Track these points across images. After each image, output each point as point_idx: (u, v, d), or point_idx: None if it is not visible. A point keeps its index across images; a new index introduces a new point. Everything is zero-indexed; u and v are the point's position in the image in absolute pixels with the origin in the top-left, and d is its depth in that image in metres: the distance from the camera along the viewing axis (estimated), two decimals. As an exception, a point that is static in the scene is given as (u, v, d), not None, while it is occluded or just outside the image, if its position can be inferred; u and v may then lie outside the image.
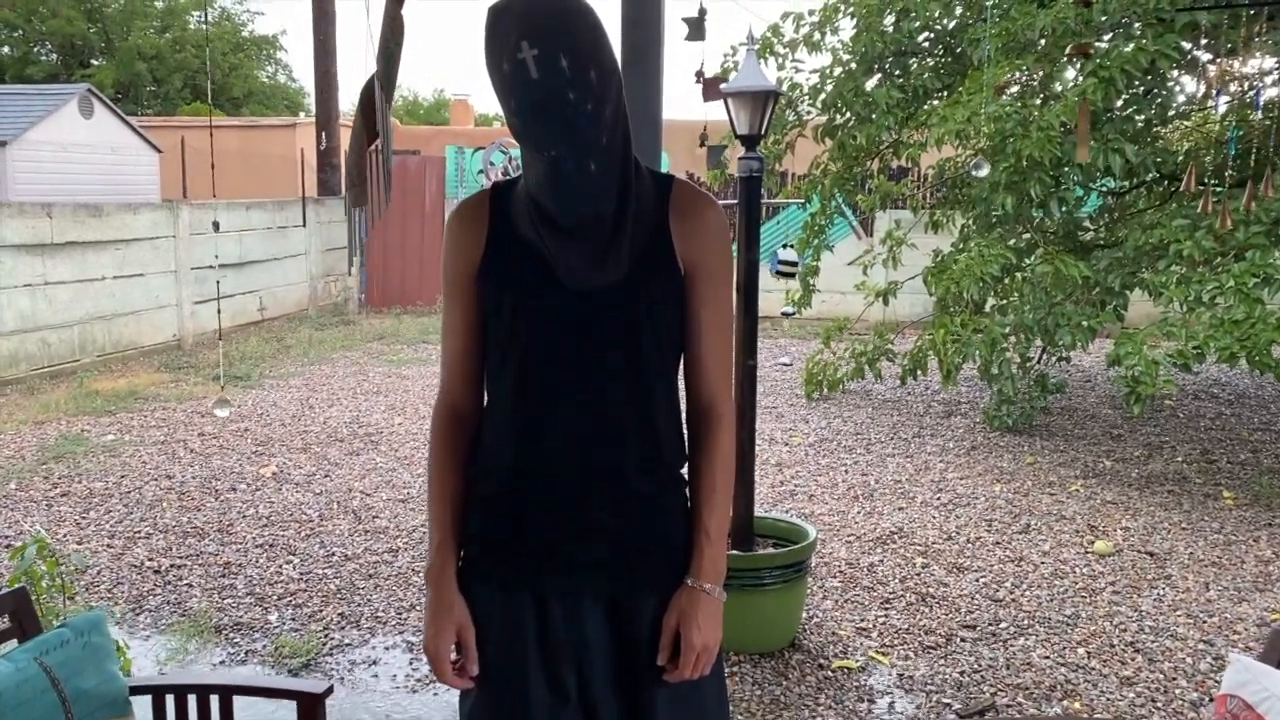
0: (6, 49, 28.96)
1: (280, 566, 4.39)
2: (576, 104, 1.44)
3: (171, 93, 29.04)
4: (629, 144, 1.58)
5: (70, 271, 8.49)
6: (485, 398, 1.73)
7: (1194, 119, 6.95)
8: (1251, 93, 6.35)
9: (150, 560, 4.44)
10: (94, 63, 29.48)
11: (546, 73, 1.42)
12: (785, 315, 6.58)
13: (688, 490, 1.70)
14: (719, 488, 1.67)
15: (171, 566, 4.38)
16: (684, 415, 1.72)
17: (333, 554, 4.54)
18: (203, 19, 31.20)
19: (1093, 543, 4.68)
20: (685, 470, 1.71)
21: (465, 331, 1.69)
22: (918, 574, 4.32)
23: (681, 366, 1.71)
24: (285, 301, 11.76)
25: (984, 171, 4.36)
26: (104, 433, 6.53)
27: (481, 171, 12.96)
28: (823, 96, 6.70)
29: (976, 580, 4.26)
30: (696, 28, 3.06)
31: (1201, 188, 4.98)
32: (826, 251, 7.86)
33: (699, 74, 3.41)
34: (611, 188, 1.54)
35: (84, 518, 4.96)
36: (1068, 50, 4.72)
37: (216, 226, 3.43)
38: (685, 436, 1.71)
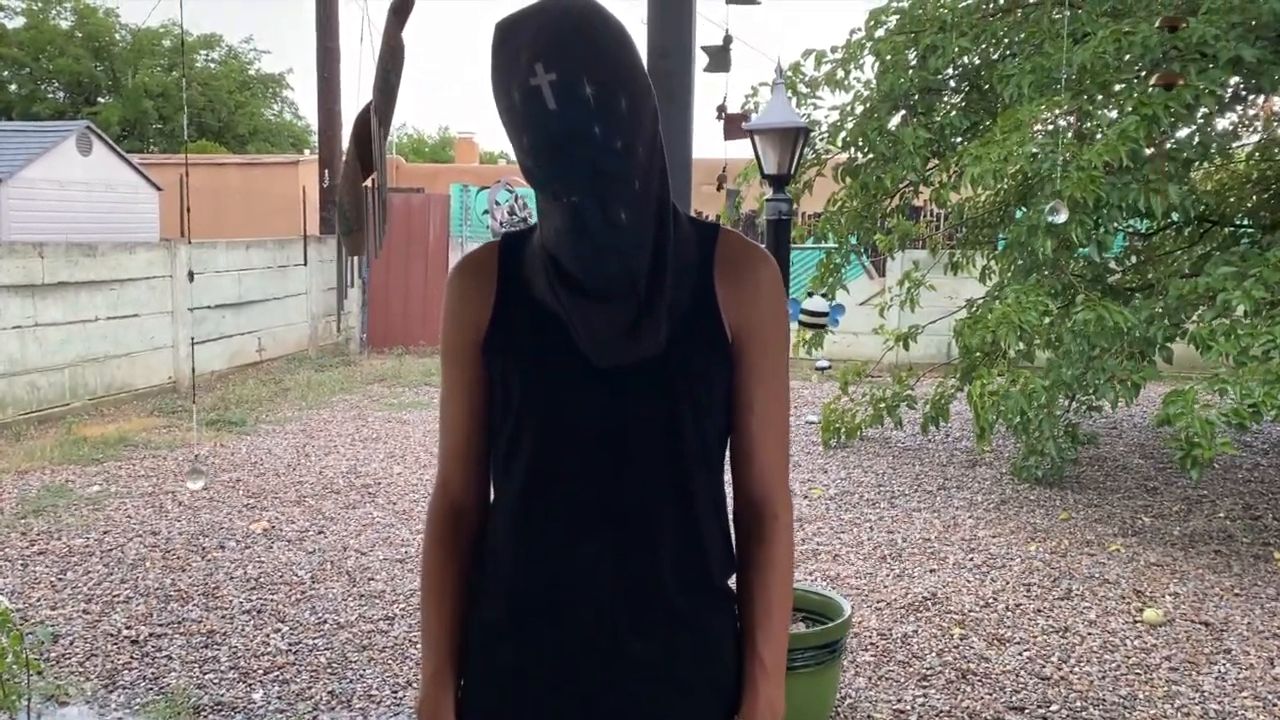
0: (14, 86, 29.02)
1: (267, 636, 4.07)
2: (604, 140, 1.15)
3: (178, 130, 29.02)
4: (666, 187, 1.30)
5: (62, 312, 8.22)
6: (491, 493, 1.44)
7: (1236, 157, 6.68)
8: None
9: (128, 628, 4.13)
10: (100, 100, 29.52)
11: (566, 102, 1.13)
12: (820, 370, 6.24)
13: (736, 608, 1.40)
14: (776, 607, 1.37)
15: (150, 635, 4.06)
16: (731, 516, 1.43)
17: (324, 621, 4.22)
18: (210, 58, 31.30)
19: (1141, 610, 4.35)
20: (733, 582, 1.42)
21: (467, 414, 1.40)
22: (956, 646, 4.00)
23: (728, 456, 1.42)
24: (285, 341, 11.49)
25: (1062, 216, 4.08)
26: (89, 483, 6.23)
27: (486, 211, 12.73)
28: (843, 135, 6.45)
29: (1020, 654, 3.93)
30: (720, 58, 2.77)
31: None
32: (842, 291, 7.59)
33: (721, 109, 3.13)
34: (646, 241, 1.25)
35: (60, 579, 4.65)
36: (1153, 80, 4.46)
37: (191, 277, 3.17)
38: (734, 542, 1.42)
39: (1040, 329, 5.39)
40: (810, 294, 5.81)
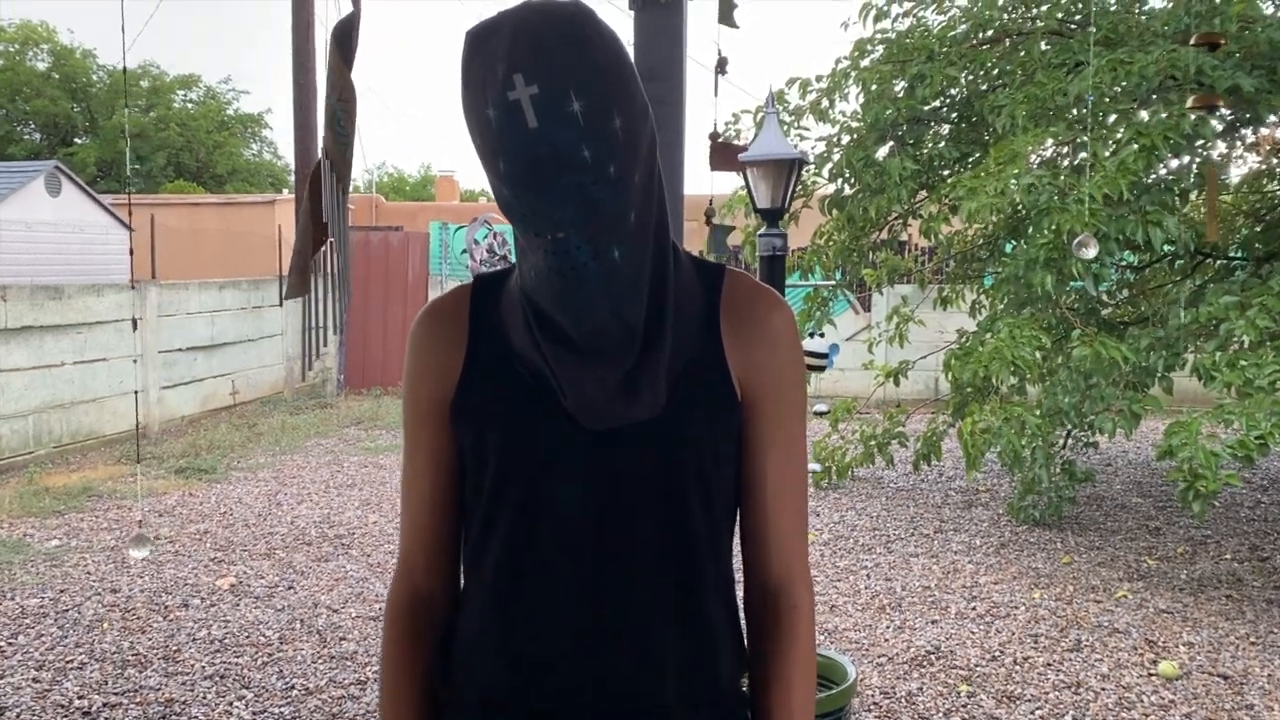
0: (-11, 128, 28.79)
1: (230, 704, 3.80)
2: (595, 165, 0.95)
3: (154, 170, 28.86)
4: (665, 222, 1.10)
5: (26, 358, 7.95)
6: (461, 579, 1.23)
7: (1225, 189, 6.57)
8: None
9: (80, 698, 3.85)
10: (77, 141, 29.33)
11: (550, 119, 0.93)
12: (819, 414, 6.05)
13: (749, 714, 1.19)
14: (798, 715, 1.15)
15: (104, 706, 3.78)
16: (741, 605, 1.22)
17: (292, 686, 3.95)
18: (188, 98, 31.19)
19: (1155, 662, 4.14)
20: (745, 684, 1.21)
21: (433, 487, 1.20)
22: (964, 705, 3.77)
23: (738, 534, 1.22)
24: (260, 384, 11.23)
25: (1092, 251, 3.92)
26: (49, 537, 5.94)
27: (465, 251, 12.54)
28: (830, 166, 6.31)
29: (1032, 713, 3.71)
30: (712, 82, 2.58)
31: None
32: (830, 327, 7.42)
33: (714, 137, 2.94)
34: (642, 284, 1.05)
35: (11, 643, 4.36)
36: (1190, 103, 4.33)
37: (134, 325, 2.99)
38: (745, 636, 1.21)
39: (1034, 365, 5.22)
40: (811, 334, 5.61)
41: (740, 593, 1.18)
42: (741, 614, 1.21)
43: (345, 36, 1.67)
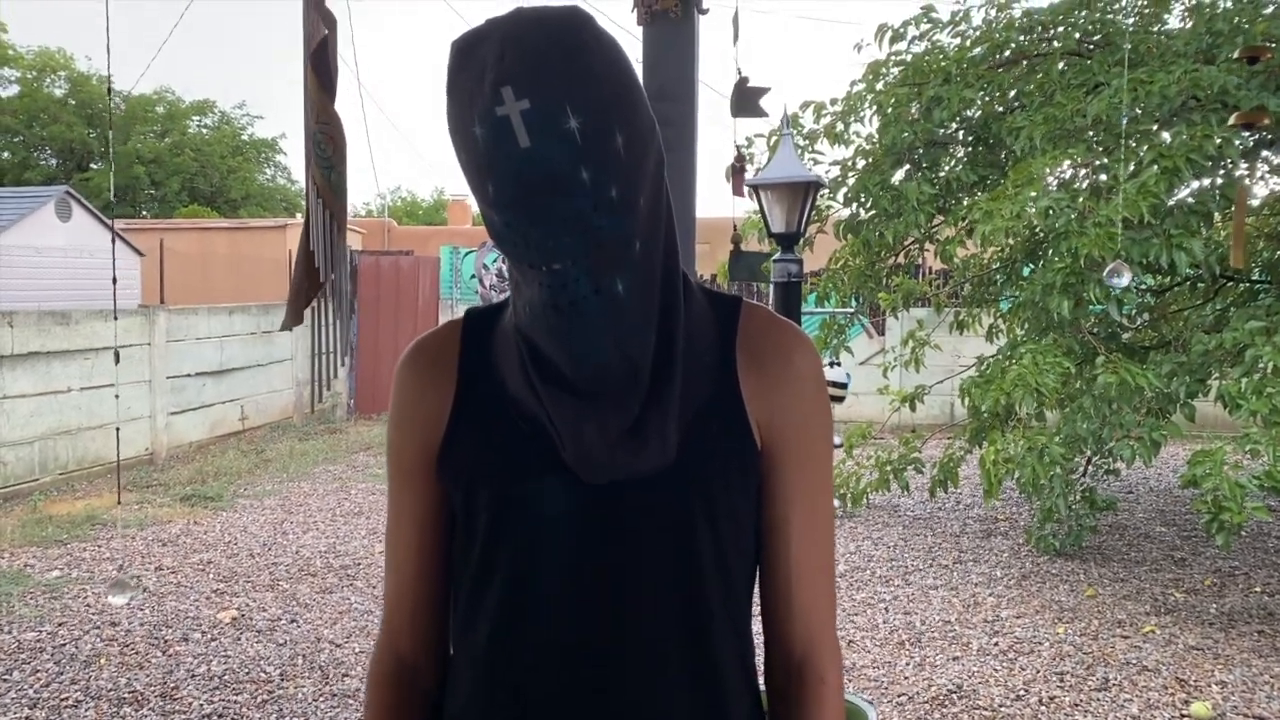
0: (6, 154, 29.01)
1: (228, 745, 3.69)
2: (594, 189, 0.85)
3: (169, 195, 29.02)
4: (674, 251, 0.99)
5: (32, 384, 7.88)
6: (450, 646, 1.12)
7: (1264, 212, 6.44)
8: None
9: (74, 737, 3.74)
10: (93, 166, 29.50)
11: (544, 137, 0.83)
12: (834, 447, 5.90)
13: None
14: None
15: (98, 746, 3.67)
16: (762, 676, 1.10)
17: (292, 726, 3.83)
18: (202, 124, 31.40)
19: (1187, 703, 3.98)
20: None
21: (419, 547, 1.09)
22: (988, 748, 3.62)
23: (758, 597, 1.10)
24: (269, 409, 11.15)
25: (1125, 279, 3.81)
26: (49, 568, 5.84)
27: (474, 276, 12.47)
28: (844, 190, 6.21)
29: (1060, 757, 3.56)
30: (744, 100, 2.43)
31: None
32: (845, 353, 7.30)
33: (739, 158, 2.83)
34: (649, 320, 0.95)
35: (5, 680, 4.25)
36: (1233, 119, 4.22)
37: (117, 357, 2.93)
38: (766, 711, 1.09)
39: (1056, 391, 5.08)
40: (829, 363, 5.47)
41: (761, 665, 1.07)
42: (762, 683, 1.09)
43: (321, 59, 1.58)
